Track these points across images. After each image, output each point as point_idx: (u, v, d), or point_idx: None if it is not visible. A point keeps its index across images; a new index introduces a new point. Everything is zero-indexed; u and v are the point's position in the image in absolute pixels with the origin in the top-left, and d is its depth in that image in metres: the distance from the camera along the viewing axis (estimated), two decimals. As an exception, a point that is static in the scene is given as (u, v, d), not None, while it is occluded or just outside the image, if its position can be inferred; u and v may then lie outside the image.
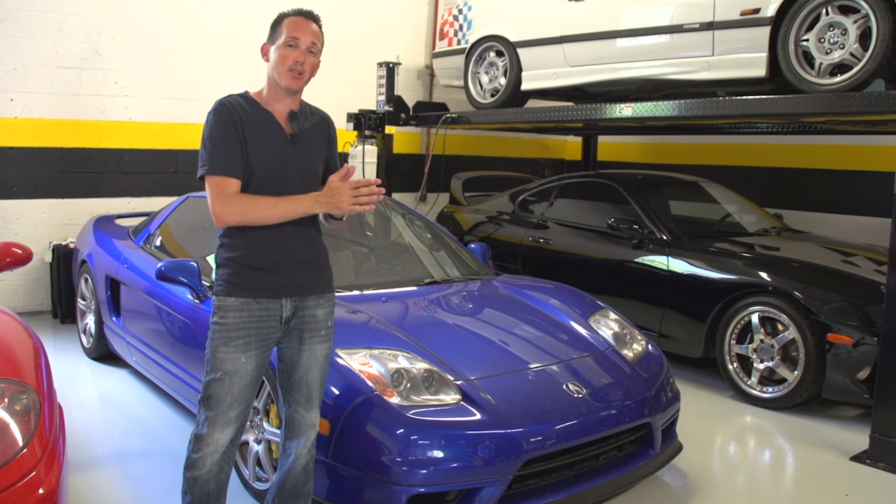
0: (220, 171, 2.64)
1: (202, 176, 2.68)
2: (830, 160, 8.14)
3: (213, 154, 2.65)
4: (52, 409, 2.47)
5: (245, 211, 2.63)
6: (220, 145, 2.65)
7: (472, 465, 3.04)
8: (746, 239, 6.00)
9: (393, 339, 3.54)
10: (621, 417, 3.50)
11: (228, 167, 2.65)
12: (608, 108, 6.12)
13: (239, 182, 2.66)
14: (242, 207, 2.63)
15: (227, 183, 2.64)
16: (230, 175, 2.65)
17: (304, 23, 2.74)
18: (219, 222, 2.68)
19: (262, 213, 2.64)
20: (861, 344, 4.70)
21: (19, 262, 3.37)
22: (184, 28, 7.55)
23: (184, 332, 4.21)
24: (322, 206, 2.64)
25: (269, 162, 2.69)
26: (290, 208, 2.65)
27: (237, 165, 2.66)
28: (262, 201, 2.64)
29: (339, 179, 2.61)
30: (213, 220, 2.67)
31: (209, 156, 2.66)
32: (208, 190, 2.67)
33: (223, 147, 2.65)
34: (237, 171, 2.66)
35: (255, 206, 2.63)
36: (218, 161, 2.65)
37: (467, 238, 7.21)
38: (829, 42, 4.77)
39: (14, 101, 6.77)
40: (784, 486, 4.16)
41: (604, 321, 4.23)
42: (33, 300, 7.17)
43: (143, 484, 3.83)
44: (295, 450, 2.92)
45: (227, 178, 2.65)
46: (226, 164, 2.65)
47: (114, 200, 7.38)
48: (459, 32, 7.62)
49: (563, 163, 10.86)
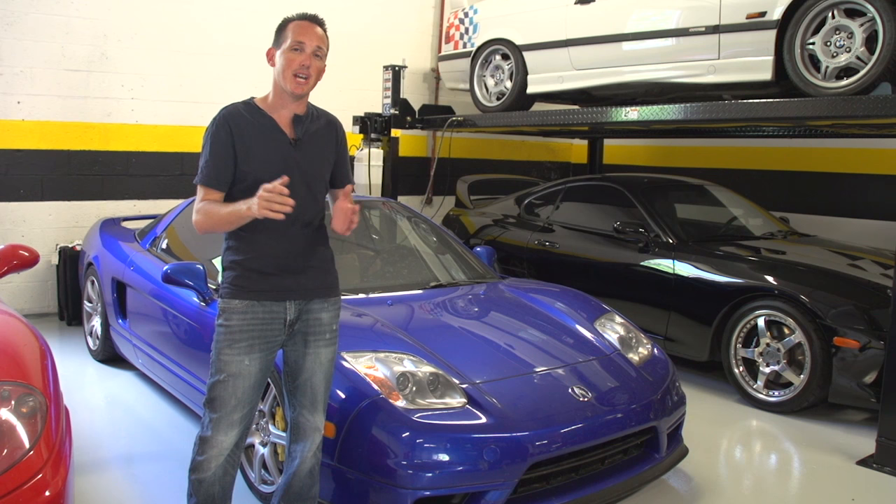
0: (203, 181, 2.73)
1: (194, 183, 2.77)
2: (836, 164, 8.12)
3: (203, 164, 2.74)
4: (58, 412, 2.47)
5: (203, 220, 2.69)
6: (208, 157, 2.73)
7: (477, 469, 3.03)
8: (752, 242, 5.99)
9: (398, 342, 3.54)
10: (627, 421, 3.49)
11: (210, 178, 2.72)
12: (614, 112, 6.12)
13: (220, 194, 2.73)
14: (202, 216, 2.69)
15: (207, 193, 2.73)
16: (211, 186, 2.72)
17: (308, 26, 2.75)
18: (196, 229, 2.74)
19: (213, 220, 2.67)
20: (867, 348, 4.69)
21: (26, 264, 3.38)
22: (190, 31, 7.57)
23: (189, 334, 4.22)
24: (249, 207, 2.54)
25: (270, 168, 2.70)
26: (231, 213, 2.62)
27: (220, 178, 2.72)
28: (213, 209, 2.67)
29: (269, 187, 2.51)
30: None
31: (201, 165, 2.75)
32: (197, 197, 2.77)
33: (210, 159, 2.72)
34: (219, 184, 2.72)
35: (209, 214, 2.68)
36: (204, 171, 2.73)
37: (473, 241, 7.21)
38: (835, 45, 4.76)
39: (21, 103, 6.79)
40: (790, 491, 4.15)
41: (609, 325, 4.22)
42: (40, 302, 7.19)
43: (149, 486, 3.83)
44: (300, 453, 2.92)
45: (208, 189, 2.72)
46: (210, 174, 2.72)
47: (120, 203, 7.39)
48: (465, 36, 7.62)
49: (568, 166, 10.85)
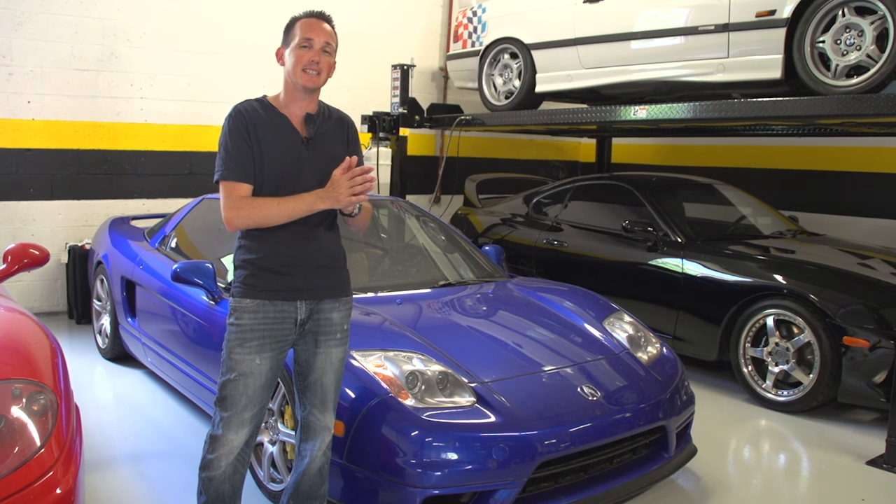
0: (230, 176, 2.70)
1: (217, 181, 2.74)
2: (846, 162, 8.09)
3: (225, 160, 2.71)
4: (68, 410, 2.48)
5: (251, 214, 2.67)
6: (231, 151, 2.71)
7: (486, 468, 3.03)
8: (761, 241, 5.97)
9: (407, 341, 3.55)
10: (636, 420, 3.49)
11: (238, 172, 2.69)
12: (623, 111, 6.11)
13: (250, 187, 2.71)
14: (248, 211, 2.67)
15: (236, 188, 2.69)
16: (240, 180, 2.70)
17: (316, 23, 2.76)
18: (229, 226, 2.72)
19: (266, 214, 2.67)
20: (877, 347, 4.67)
21: (36, 263, 3.39)
22: (199, 30, 7.59)
23: (199, 333, 4.23)
24: (323, 201, 2.66)
25: (283, 166, 2.72)
26: (293, 207, 2.67)
27: (247, 170, 2.70)
28: (266, 202, 2.67)
29: (340, 173, 2.64)
30: (225, 224, 2.72)
31: (222, 161, 2.72)
32: (221, 194, 2.73)
33: (234, 153, 2.70)
34: (247, 176, 2.70)
35: (259, 208, 2.67)
36: (229, 166, 2.70)
37: (481, 240, 7.20)
38: (845, 43, 4.74)
39: (31, 103, 6.82)
40: (799, 491, 4.14)
41: (618, 324, 4.21)
42: (50, 301, 7.22)
43: (159, 484, 3.85)
44: (310, 452, 2.92)
45: (236, 183, 2.69)
46: (236, 169, 2.69)
47: (129, 202, 7.42)
48: (474, 34, 7.62)
49: (576, 165, 10.84)
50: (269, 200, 2.67)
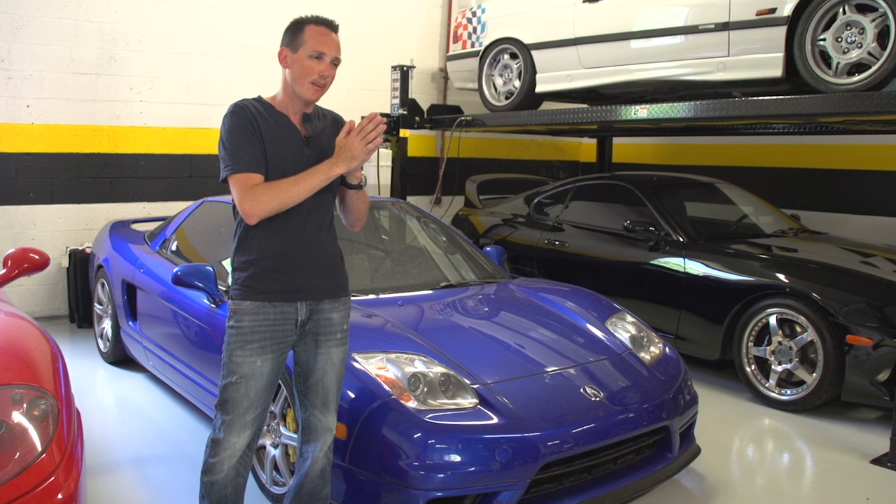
0: (241, 168, 2.64)
1: (225, 178, 2.68)
2: (848, 160, 8.08)
3: (233, 154, 2.66)
4: (70, 415, 2.47)
5: (271, 198, 2.62)
6: (238, 143, 2.66)
7: (489, 469, 3.02)
8: (763, 240, 5.96)
9: (409, 342, 3.54)
10: (639, 421, 3.48)
11: (249, 163, 2.65)
12: (623, 110, 6.10)
13: (261, 176, 2.66)
14: (267, 196, 2.62)
15: (249, 178, 2.64)
16: (252, 171, 2.65)
17: (327, 34, 2.72)
18: (249, 218, 2.65)
19: (288, 193, 2.63)
20: (881, 345, 4.66)
21: (36, 267, 3.38)
22: (198, 33, 7.59)
23: (200, 336, 4.22)
24: (337, 164, 2.64)
25: (286, 163, 2.70)
26: (311, 179, 2.64)
27: (258, 161, 2.66)
28: (283, 184, 2.64)
29: (343, 137, 2.65)
30: (244, 218, 2.66)
31: (230, 156, 2.66)
32: (233, 189, 2.66)
33: (242, 145, 2.66)
34: (258, 167, 2.66)
35: (279, 190, 2.63)
36: (239, 159, 2.65)
37: (483, 241, 7.19)
38: (846, 41, 4.73)
39: (31, 107, 6.82)
40: (803, 490, 4.13)
41: (621, 324, 4.20)
42: (50, 305, 7.22)
43: (161, 488, 3.84)
44: (312, 454, 2.92)
45: (249, 174, 2.64)
46: (246, 160, 2.65)
47: (129, 205, 7.42)
48: (473, 35, 7.61)
49: (577, 165, 10.83)
50: (284, 181, 2.63)
